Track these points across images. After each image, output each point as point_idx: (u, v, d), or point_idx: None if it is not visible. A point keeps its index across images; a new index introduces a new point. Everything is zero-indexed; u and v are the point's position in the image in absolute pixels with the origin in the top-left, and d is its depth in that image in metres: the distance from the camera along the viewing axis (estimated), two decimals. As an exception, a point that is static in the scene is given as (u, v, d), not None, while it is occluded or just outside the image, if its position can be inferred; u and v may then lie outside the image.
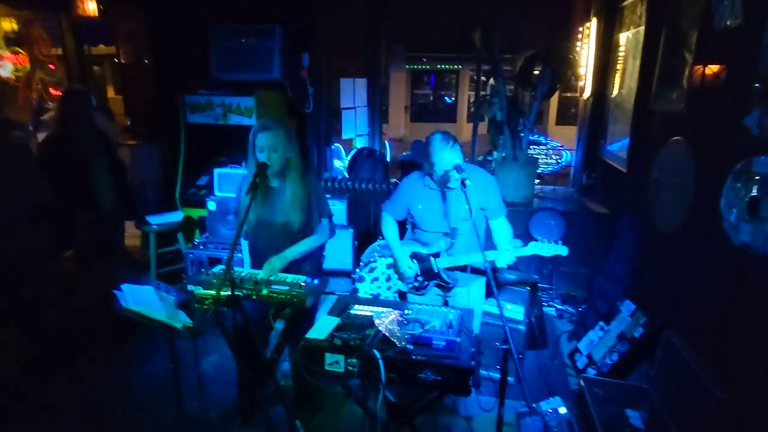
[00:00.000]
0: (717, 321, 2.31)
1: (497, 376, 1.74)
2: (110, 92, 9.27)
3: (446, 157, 2.31)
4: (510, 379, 1.83)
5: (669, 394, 2.59)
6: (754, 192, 2.04)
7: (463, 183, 2.10)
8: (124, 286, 2.01)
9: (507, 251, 2.36)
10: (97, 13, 5.38)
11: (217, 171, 3.70)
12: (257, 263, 2.55)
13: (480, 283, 2.68)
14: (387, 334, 1.77)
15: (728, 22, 2.35)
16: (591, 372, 3.07)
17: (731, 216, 2.20)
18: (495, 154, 5.33)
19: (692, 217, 2.65)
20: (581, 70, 5.35)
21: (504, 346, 1.65)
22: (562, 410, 2.62)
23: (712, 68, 2.51)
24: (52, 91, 6.27)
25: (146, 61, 4.95)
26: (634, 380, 2.91)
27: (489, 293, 2.67)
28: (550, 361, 3.39)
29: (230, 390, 2.92)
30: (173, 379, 2.30)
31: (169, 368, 2.25)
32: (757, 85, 2.08)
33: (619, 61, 4.53)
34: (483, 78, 5.92)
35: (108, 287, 3.45)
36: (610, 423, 2.48)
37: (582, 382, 2.80)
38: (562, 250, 2.37)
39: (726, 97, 2.33)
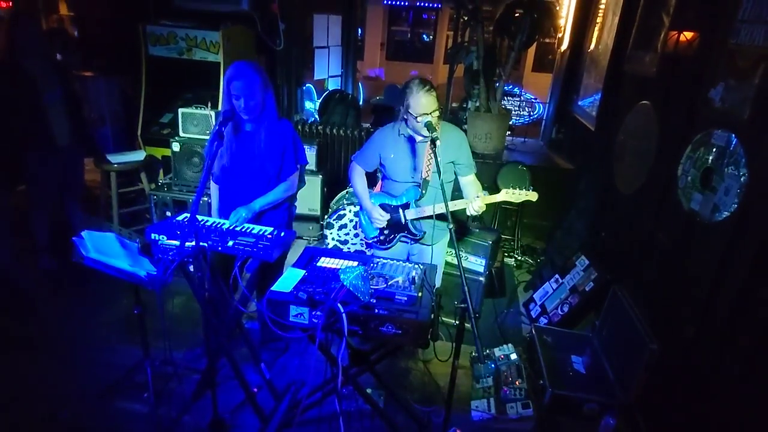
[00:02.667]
0: (658, 281, 2.48)
1: (456, 322, 1.85)
2: (62, 8, 8.39)
3: (423, 100, 2.30)
4: (467, 325, 1.93)
5: (610, 343, 2.82)
6: (710, 163, 2.13)
7: (433, 143, 2.09)
8: (85, 234, 1.95)
9: (477, 197, 2.39)
10: None
11: (181, 110, 3.53)
12: (227, 207, 2.52)
13: (444, 242, 2.76)
14: (351, 288, 1.82)
15: (707, -12, 2.33)
16: (543, 321, 3.28)
17: (685, 183, 2.30)
18: (469, 103, 5.28)
19: (650, 180, 2.76)
20: (561, 22, 5.24)
21: (462, 305, 1.74)
22: (513, 356, 2.83)
23: (687, 35, 2.51)
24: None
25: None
26: (581, 330, 3.13)
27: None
28: (506, 309, 3.60)
29: (196, 330, 2.99)
30: (139, 321, 2.33)
31: (135, 309, 2.28)
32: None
33: (599, 15, 4.46)
34: (463, 18, 5.70)
35: (67, 228, 3.37)
36: (555, 367, 2.70)
37: (533, 330, 3.01)
38: (532, 196, 2.39)
39: (695, 67, 2.35)
